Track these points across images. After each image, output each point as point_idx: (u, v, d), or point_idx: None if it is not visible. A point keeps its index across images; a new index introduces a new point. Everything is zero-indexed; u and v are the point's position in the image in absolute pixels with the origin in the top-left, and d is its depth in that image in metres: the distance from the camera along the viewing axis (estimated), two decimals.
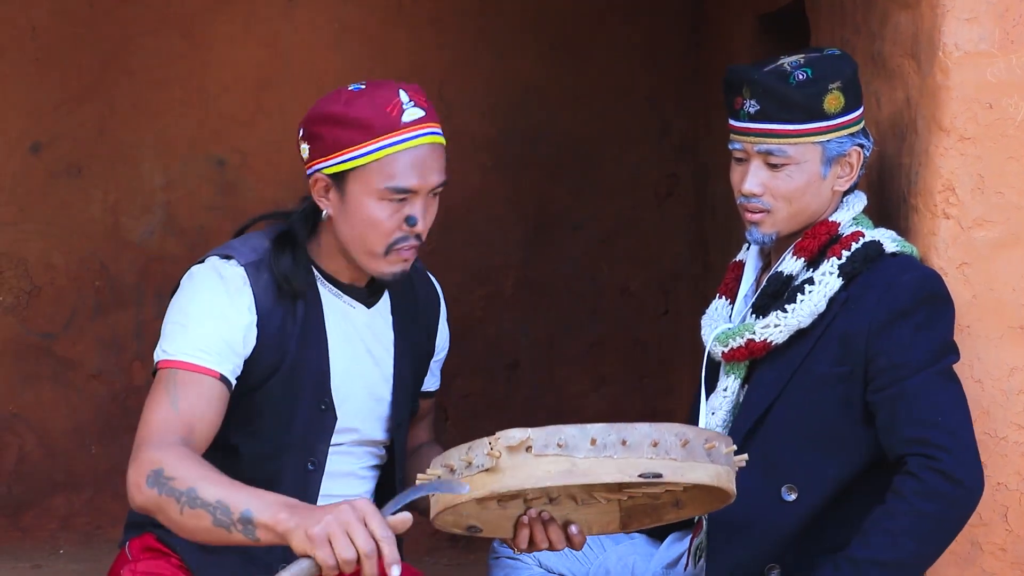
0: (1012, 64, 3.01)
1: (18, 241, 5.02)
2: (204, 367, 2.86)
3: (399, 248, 2.91)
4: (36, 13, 4.96)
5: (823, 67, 2.99)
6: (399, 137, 2.87)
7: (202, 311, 2.89)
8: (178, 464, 2.78)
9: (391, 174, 2.87)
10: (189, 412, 2.85)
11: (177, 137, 5.07)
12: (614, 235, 5.30)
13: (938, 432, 2.85)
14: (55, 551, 4.90)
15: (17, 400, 5.04)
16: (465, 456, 2.64)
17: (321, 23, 5.10)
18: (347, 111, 2.88)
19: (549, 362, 5.30)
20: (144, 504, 2.83)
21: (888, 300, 2.91)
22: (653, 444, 2.59)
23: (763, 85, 2.97)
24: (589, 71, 5.24)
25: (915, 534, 2.84)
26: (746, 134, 3.01)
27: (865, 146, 3.03)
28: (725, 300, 3.17)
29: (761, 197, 3.01)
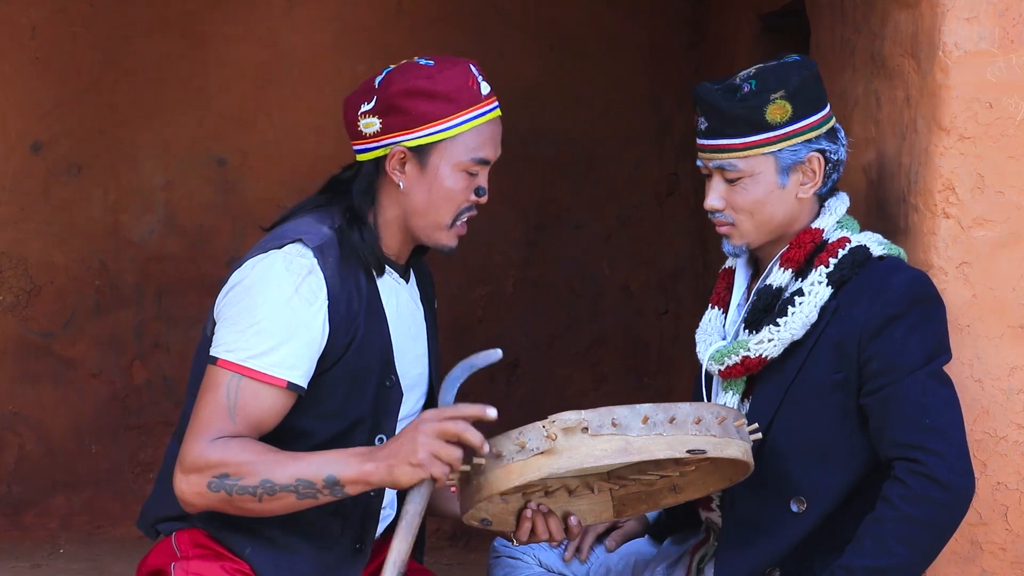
0: (1012, 63, 3.01)
1: (18, 240, 5.02)
2: (272, 376, 2.88)
3: (463, 220, 3.05)
4: (36, 13, 4.97)
5: (767, 78, 2.98)
6: (481, 110, 3.00)
7: (276, 314, 2.90)
8: (241, 462, 2.83)
9: (476, 146, 2.99)
10: (245, 423, 2.88)
11: (177, 136, 5.08)
12: (614, 234, 5.30)
13: (927, 435, 2.84)
14: (55, 550, 4.90)
15: (17, 399, 5.04)
16: (517, 440, 2.69)
17: (321, 23, 5.10)
18: (434, 85, 2.96)
19: (549, 361, 5.30)
20: (208, 505, 2.87)
21: (879, 304, 2.90)
22: (696, 421, 2.72)
23: (708, 102, 3.01)
24: (589, 71, 5.24)
25: (905, 539, 2.83)
26: (702, 151, 3.05)
27: (828, 150, 3.01)
28: (718, 310, 3.16)
29: (723, 211, 3.03)
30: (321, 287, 2.93)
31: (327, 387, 2.97)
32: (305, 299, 2.91)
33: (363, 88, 3.03)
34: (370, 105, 2.99)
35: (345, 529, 2.99)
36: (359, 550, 3.02)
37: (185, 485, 2.85)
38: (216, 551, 2.98)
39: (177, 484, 2.87)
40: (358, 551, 3.02)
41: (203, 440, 2.85)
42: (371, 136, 2.99)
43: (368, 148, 3.01)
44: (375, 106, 2.98)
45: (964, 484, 2.85)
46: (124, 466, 5.09)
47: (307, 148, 5.06)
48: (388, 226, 3.04)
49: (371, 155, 3.01)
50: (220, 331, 2.92)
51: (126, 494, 5.05)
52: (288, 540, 2.96)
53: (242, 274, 2.96)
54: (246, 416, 2.87)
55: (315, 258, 2.93)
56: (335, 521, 2.98)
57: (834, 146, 3.03)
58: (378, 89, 2.99)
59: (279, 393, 2.90)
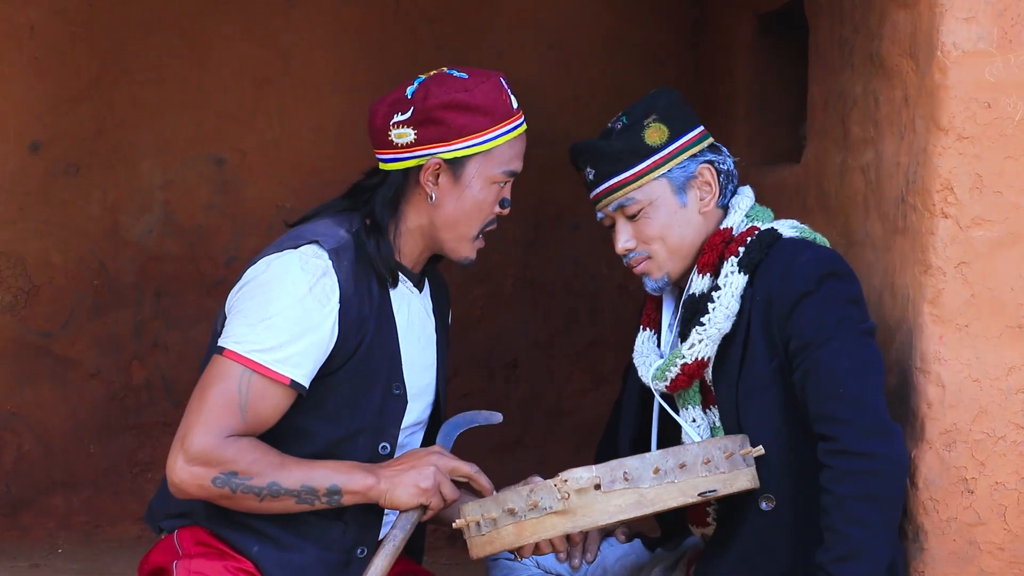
0: (1010, 63, 3.01)
1: (17, 240, 5.01)
2: (278, 373, 2.90)
3: (486, 231, 3.09)
4: (34, 12, 4.96)
5: (635, 110, 3.08)
6: (514, 123, 3.07)
7: (290, 312, 2.91)
8: (251, 461, 2.87)
9: (509, 159, 3.05)
10: (254, 420, 2.90)
11: (176, 136, 5.07)
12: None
13: (838, 404, 2.84)
14: (53, 550, 4.90)
15: (16, 399, 5.04)
16: (529, 499, 2.73)
17: (319, 23, 5.09)
18: (472, 98, 3.00)
19: (548, 361, 5.30)
20: (205, 497, 2.90)
21: (789, 283, 2.93)
22: (705, 462, 2.78)
23: (588, 150, 3.09)
24: (588, 71, 5.23)
25: (855, 519, 2.83)
26: (597, 200, 3.10)
27: (715, 160, 3.07)
28: (650, 332, 3.18)
29: (636, 249, 3.08)
30: (334, 289, 2.94)
31: (333, 389, 2.98)
32: (318, 300, 2.93)
33: (395, 98, 3.04)
34: (405, 116, 3.00)
35: (347, 533, 3.01)
36: (361, 556, 3.03)
37: (187, 474, 2.86)
38: (219, 549, 2.99)
39: (176, 471, 2.86)
40: (360, 558, 3.02)
41: (213, 433, 2.86)
42: (404, 147, 3.01)
43: (399, 158, 3.02)
44: (411, 117, 3.00)
45: (885, 447, 2.84)
46: (123, 466, 5.09)
47: (306, 148, 5.06)
48: (410, 235, 3.06)
49: (401, 165, 3.02)
50: (231, 323, 2.94)
51: (124, 494, 5.05)
52: (293, 541, 2.97)
53: (257, 271, 2.97)
54: (256, 414, 2.89)
55: (330, 260, 2.95)
56: (337, 525, 2.99)
57: (720, 157, 3.09)
58: (413, 100, 3.01)
59: (283, 391, 2.91)
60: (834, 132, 3.56)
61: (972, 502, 3.04)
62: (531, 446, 5.28)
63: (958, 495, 3.03)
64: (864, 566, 2.83)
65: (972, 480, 3.03)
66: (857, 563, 2.83)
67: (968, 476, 3.03)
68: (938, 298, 3.03)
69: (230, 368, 2.89)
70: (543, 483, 2.76)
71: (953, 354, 3.03)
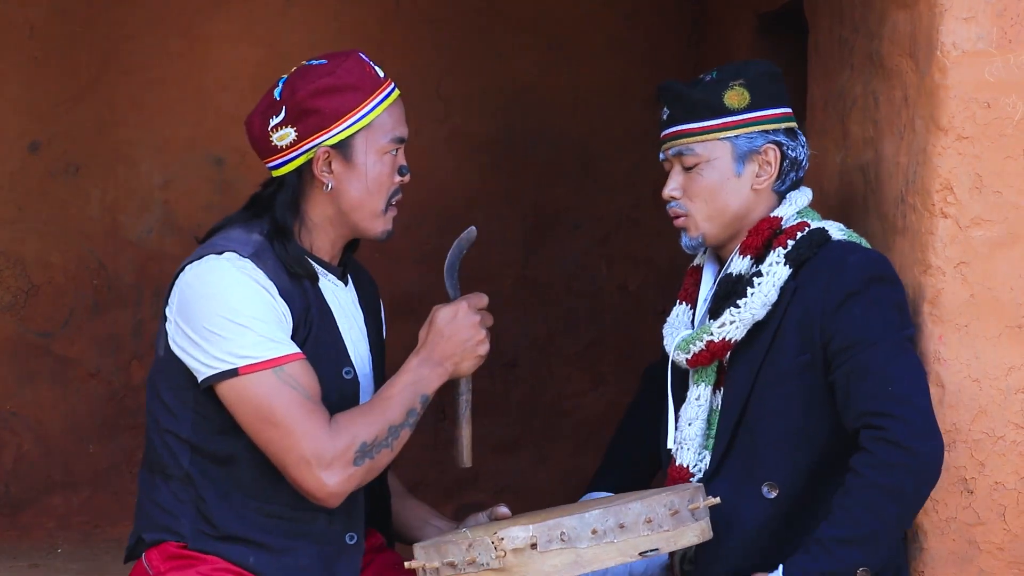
0: (1010, 63, 3.01)
1: (16, 240, 5.02)
2: (293, 354, 2.92)
3: (394, 202, 3.08)
4: (34, 12, 4.96)
5: (729, 69, 3.08)
6: (386, 91, 3.05)
7: (254, 306, 2.93)
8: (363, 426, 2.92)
9: (392, 126, 3.05)
10: (316, 393, 2.93)
11: (175, 136, 5.07)
12: (613, 234, 5.30)
13: (890, 402, 2.85)
14: (53, 550, 4.89)
15: (15, 399, 5.04)
16: (467, 555, 2.75)
17: (319, 23, 5.09)
18: (337, 79, 3.00)
19: (548, 361, 5.30)
20: (359, 483, 2.94)
21: (836, 282, 2.94)
22: (647, 521, 2.76)
23: (671, 90, 3.09)
24: (588, 71, 5.24)
25: (873, 507, 2.84)
26: (664, 141, 3.11)
27: (785, 145, 3.07)
28: (686, 306, 3.20)
29: (680, 200, 3.09)
30: (271, 284, 2.96)
31: None
32: (265, 290, 2.95)
33: (265, 105, 3.06)
34: (280, 117, 3.01)
35: (333, 524, 3.01)
36: (353, 543, 3.03)
37: (334, 479, 2.88)
38: (190, 558, 2.98)
39: (324, 486, 2.88)
40: (352, 544, 3.03)
41: (321, 435, 2.88)
42: (288, 147, 3.02)
43: (287, 160, 3.03)
44: (286, 116, 3.00)
45: (928, 448, 2.85)
46: (122, 466, 5.09)
47: None
48: (319, 230, 3.07)
49: (292, 166, 3.03)
50: (213, 346, 2.91)
51: (124, 494, 5.04)
52: (283, 543, 2.97)
53: (194, 286, 2.97)
54: (317, 393, 2.93)
55: (254, 263, 2.96)
56: (322, 518, 2.99)
57: (792, 143, 3.09)
58: (283, 100, 3.02)
59: (308, 365, 2.95)
60: (834, 132, 3.56)
61: (972, 502, 3.04)
62: (531, 446, 5.28)
63: (958, 495, 3.03)
64: (864, 555, 2.84)
65: (972, 480, 3.03)
66: (859, 550, 2.84)
67: (968, 476, 3.03)
68: (937, 298, 3.03)
69: (261, 379, 2.88)
70: (481, 539, 2.75)
71: (952, 354, 3.03)
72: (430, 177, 5.16)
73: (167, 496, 3.00)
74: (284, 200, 3.04)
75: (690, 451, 3.09)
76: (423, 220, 5.17)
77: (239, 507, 2.95)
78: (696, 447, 3.09)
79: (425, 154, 5.14)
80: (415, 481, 3.46)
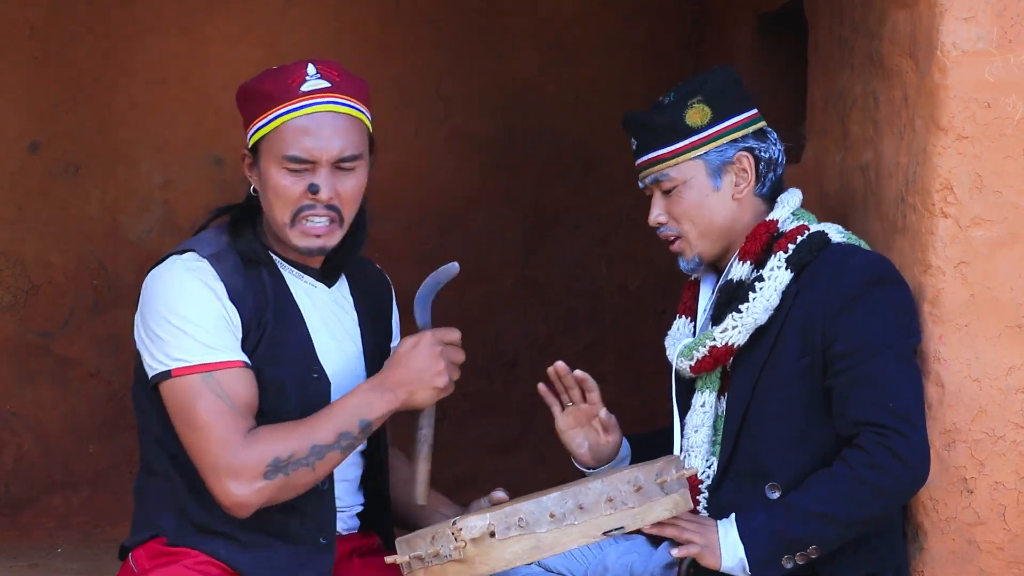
0: (1010, 63, 3.01)
1: (16, 240, 5.02)
2: (231, 361, 2.91)
3: (305, 216, 2.95)
4: (34, 12, 4.96)
5: (686, 87, 3.09)
6: (295, 105, 2.92)
7: (194, 309, 2.92)
8: (282, 442, 2.88)
9: (288, 142, 2.92)
10: (247, 410, 2.90)
11: (175, 136, 5.07)
12: (613, 234, 5.30)
13: (892, 418, 2.87)
14: (53, 550, 4.89)
15: (15, 399, 5.04)
16: (431, 547, 2.75)
17: (319, 23, 5.09)
18: (256, 84, 2.97)
19: (548, 361, 5.26)
20: (268, 498, 2.89)
21: (838, 286, 2.95)
22: (608, 500, 2.73)
23: (634, 121, 3.11)
24: (588, 71, 5.24)
25: (852, 496, 2.86)
26: (639, 170, 3.13)
27: (756, 148, 3.08)
28: (686, 319, 3.22)
29: (667, 224, 3.12)
30: (220, 285, 2.95)
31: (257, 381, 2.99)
32: (212, 292, 2.94)
33: None
34: None
35: (304, 524, 3.00)
36: (325, 544, 3.03)
37: (241, 489, 2.86)
38: (173, 554, 2.99)
39: (229, 495, 2.87)
40: (324, 545, 3.03)
41: (234, 444, 2.86)
42: None
43: None
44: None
45: (922, 467, 2.89)
46: (122, 465, 5.09)
47: None
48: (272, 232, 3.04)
49: None
50: (157, 346, 2.92)
51: (124, 493, 5.04)
52: (256, 539, 2.97)
53: (150, 287, 2.97)
54: (244, 403, 2.90)
55: (210, 263, 2.95)
56: (293, 517, 2.99)
57: (763, 144, 3.10)
58: None
59: (247, 373, 2.93)
60: (834, 132, 3.56)
61: (972, 502, 3.04)
62: (531, 446, 5.28)
63: (958, 495, 3.03)
64: (823, 534, 2.87)
65: (972, 480, 3.03)
66: (821, 527, 2.87)
67: (967, 476, 3.03)
68: (938, 298, 3.03)
69: (191, 383, 2.89)
70: (443, 531, 2.75)
71: (953, 354, 3.03)
72: (430, 177, 5.17)
73: (152, 492, 3.04)
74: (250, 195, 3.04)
75: (698, 457, 3.10)
76: (423, 220, 5.17)
77: (212, 503, 2.94)
78: (704, 453, 3.09)
79: (425, 154, 5.15)
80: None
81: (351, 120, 2.97)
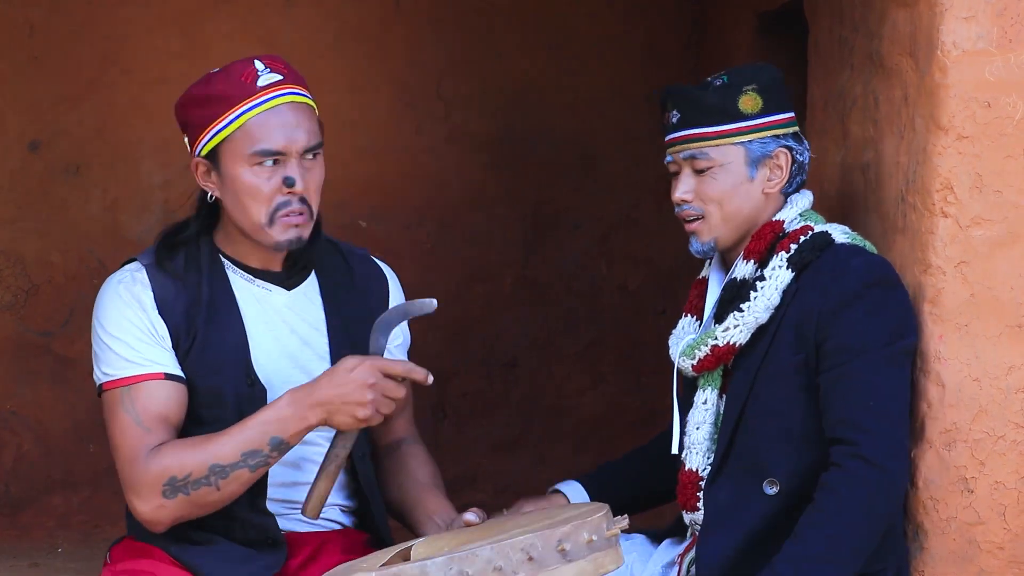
0: (1010, 63, 3.01)
1: (16, 239, 5.02)
2: (148, 373, 2.93)
3: (284, 213, 2.94)
4: (34, 11, 4.96)
5: (739, 73, 3.09)
6: (256, 101, 2.92)
7: (118, 324, 2.95)
8: (181, 459, 2.86)
9: (257, 138, 2.92)
10: (156, 424, 2.92)
11: (176, 136, 5.02)
12: (613, 234, 5.30)
13: (867, 415, 2.88)
14: (53, 549, 4.89)
15: (15, 398, 5.04)
16: None
17: (319, 22, 5.09)
18: (205, 89, 2.96)
19: (547, 361, 5.30)
20: (176, 516, 2.90)
21: (837, 285, 2.96)
22: (496, 570, 2.61)
23: (681, 94, 3.09)
24: (588, 71, 5.23)
25: (842, 524, 2.86)
26: (672, 144, 3.11)
27: (795, 149, 3.09)
28: (692, 318, 3.22)
29: (692, 203, 3.09)
30: (148, 295, 2.97)
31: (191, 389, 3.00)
32: (138, 303, 2.96)
33: None
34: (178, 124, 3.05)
35: (246, 527, 3.01)
36: (271, 543, 3.03)
37: (143, 507, 2.91)
38: (145, 549, 3.03)
39: (136, 510, 2.92)
40: (271, 543, 3.03)
41: (137, 461, 2.90)
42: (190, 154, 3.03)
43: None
44: (179, 125, 3.04)
45: (893, 467, 2.88)
46: None
47: None
48: (232, 236, 3.05)
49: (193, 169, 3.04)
50: (94, 361, 2.99)
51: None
52: (204, 536, 2.99)
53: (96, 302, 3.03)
54: (151, 417, 2.91)
55: (145, 271, 2.99)
56: (233, 523, 3.00)
57: (800, 147, 3.11)
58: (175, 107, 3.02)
59: (165, 385, 2.94)
60: (834, 132, 3.56)
61: (972, 501, 3.04)
62: (531, 446, 5.28)
63: (958, 494, 3.03)
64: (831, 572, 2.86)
65: (972, 479, 3.04)
66: (826, 567, 2.85)
67: (968, 475, 3.03)
68: (938, 297, 3.03)
69: (112, 397, 2.94)
70: None
71: (953, 353, 3.03)
72: (430, 177, 5.17)
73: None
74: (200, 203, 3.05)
75: (698, 455, 3.11)
76: (423, 220, 5.17)
77: None
78: (704, 451, 3.10)
79: (425, 154, 5.15)
80: None
81: (309, 109, 2.98)
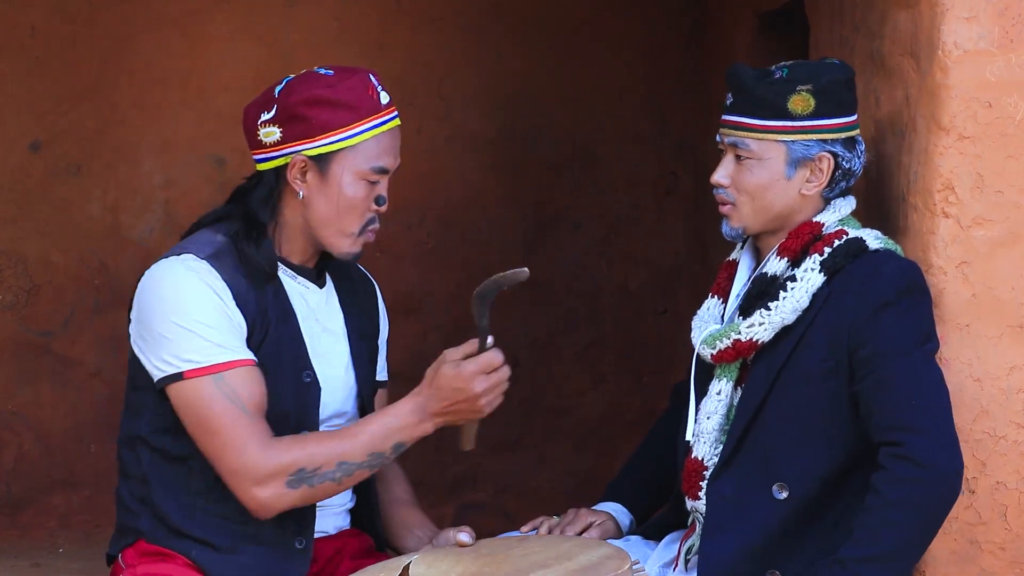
0: (1011, 63, 3.01)
1: (17, 239, 5.01)
2: (241, 360, 2.92)
3: (371, 229, 3.05)
4: (35, 12, 4.96)
5: (800, 70, 3.04)
6: (382, 119, 3.01)
7: (201, 310, 2.93)
8: (311, 455, 2.90)
9: (376, 154, 3.00)
10: (257, 411, 2.92)
11: (176, 136, 5.07)
12: (613, 234, 5.30)
13: (913, 414, 2.87)
14: (54, 549, 4.89)
15: (16, 398, 5.04)
16: None
17: (320, 22, 5.09)
18: (335, 94, 2.98)
19: (548, 361, 5.30)
20: (290, 504, 2.92)
21: (870, 292, 2.94)
22: None
23: (738, 80, 3.05)
24: (589, 70, 5.23)
25: (893, 524, 2.85)
26: (724, 126, 3.09)
27: (841, 156, 3.03)
28: (718, 299, 3.19)
29: (727, 189, 3.07)
30: (225, 287, 2.97)
31: None
32: (217, 294, 2.96)
33: (263, 97, 3.06)
34: (270, 114, 3.01)
35: (282, 525, 3.01)
36: (301, 549, 3.04)
37: (263, 493, 2.89)
38: (163, 554, 3.01)
39: (251, 499, 2.90)
40: (300, 550, 3.04)
41: (251, 449, 2.89)
42: (271, 145, 3.02)
43: (269, 157, 3.03)
44: (275, 115, 3.01)
45: (944, 462, 2.86)
46: None
47: None
48: (291, 233, 3.07)
49: (271, 164, 3.04)
50: (165, 348, 2.96)
51: None
52: (228, 543, 2.99)
53: (150, 289, 3.01)
54: (255, 405, 2.92)
55: (210, 264, 2.97)
56: (269, 523, 2.99)
57: (849, 154, 3.05)
58: (278, 98, 3.02)
59: (256, 372, 2.95)
60: None
61: (973, 501, 3.04)
62: (531, 446, 5.28)
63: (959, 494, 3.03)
64: (887, 573, 2.85)
65: (973, 480, 3.04)
66: (883, 568, 2.85)
67: (969, 476, 3.03)
68: (939, 298, 3.03)
69: (202, 385, 2.91)
70: None
71: (954, 354, 3.03)
72: (430, 177, 5.17)
73: (126, 495, 3.06)
74: (260, 196, 3.05)
75: (706, 444, 3.10)
76: (423, 220, 5.17)
77: (189, 507, 2.98)
78: (712, 441, 3.09)
79: (425, 153, 5.15)
80: (415, 481, 3.44)
81: None
